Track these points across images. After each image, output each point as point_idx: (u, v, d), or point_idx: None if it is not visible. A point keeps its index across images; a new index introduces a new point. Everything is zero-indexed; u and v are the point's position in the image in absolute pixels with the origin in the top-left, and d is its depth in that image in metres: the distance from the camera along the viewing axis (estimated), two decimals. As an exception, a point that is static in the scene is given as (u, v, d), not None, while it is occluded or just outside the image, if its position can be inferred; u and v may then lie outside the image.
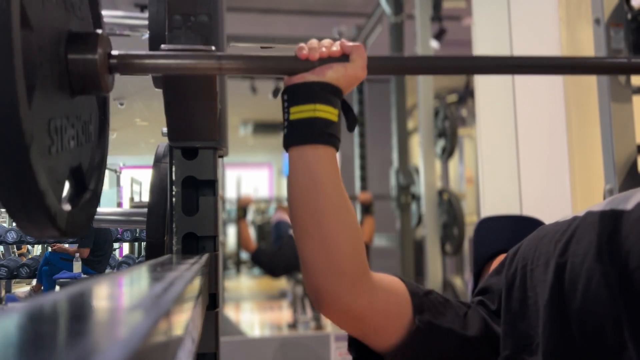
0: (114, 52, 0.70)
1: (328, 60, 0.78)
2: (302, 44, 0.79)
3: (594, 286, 0.67)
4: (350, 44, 0.80)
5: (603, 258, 0.67)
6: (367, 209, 3.79)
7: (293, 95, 0.77)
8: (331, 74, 0.77)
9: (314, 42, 0.80)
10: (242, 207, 4.20)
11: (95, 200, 0.73)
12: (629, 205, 0.69)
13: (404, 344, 0.76)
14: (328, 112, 0.76)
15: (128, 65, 0.71)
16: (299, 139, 0.77)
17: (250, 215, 9.16)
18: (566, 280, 0.70)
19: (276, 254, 4.32)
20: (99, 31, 0.68)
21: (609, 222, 0.69)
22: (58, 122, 0.60)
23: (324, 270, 0.74)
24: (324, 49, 0.78)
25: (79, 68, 0.64)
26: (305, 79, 0.77)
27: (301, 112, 0.76)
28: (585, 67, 0.94)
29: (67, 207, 0.62)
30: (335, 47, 0.79)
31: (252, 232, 6.77)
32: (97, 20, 0.77)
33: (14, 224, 1.73)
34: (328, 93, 0.77)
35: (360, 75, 0.80)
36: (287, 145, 0.78)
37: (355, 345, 0.81)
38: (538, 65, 0.89)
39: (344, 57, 0.79)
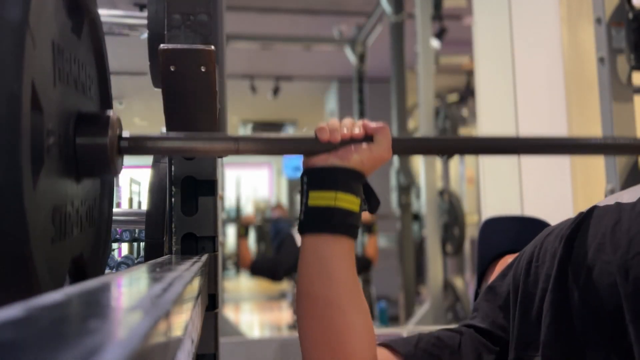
0: (125, 134, 0.67)
1: (350, 141, 0.74)
2: (322, 125, 0.75)
3: (595, 275, 0.68)
4: (374, 124, 0.76)
5: (605, 248, 0.68)
6: (369, 228, 3.79)
7: (313, 179, 0.74)
8: (356, 158, 0.73)
9: (335, 122, 0.75)
10: (244, 226, 4.23)
11: None
12: (634, 198, 0.70)
13: None
14: (350, 201, 0.73)
15: (140, 148, 0.68)
16: (316, 228, 0.73)
17: (250, 208, 9.18)
18: (570, 272, 0.71)
19: (274, 258, 4.33)
20: (110, 112, 0.65)
21: (613, 214, 0.70)
22: (62, 209, 0.57)
23: None
24: (345, 130, 0.74)
25: (88, 152, 0.61)
26: (327, 162, 0.73)
27: (321, 199, 0.72)
28: (612, 148, 0.93)
29: None
30: (358, 129, 0.75)
31: (251, 233, 6.78)
32: (107, 100, 0.76)
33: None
34: (351, 179, 0.73)
35: (386, 157, 0.76)
36: (303, 231, 0.74)
37: None
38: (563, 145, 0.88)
39: (367, 138, 0.75)
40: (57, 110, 0.56)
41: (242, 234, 4.12)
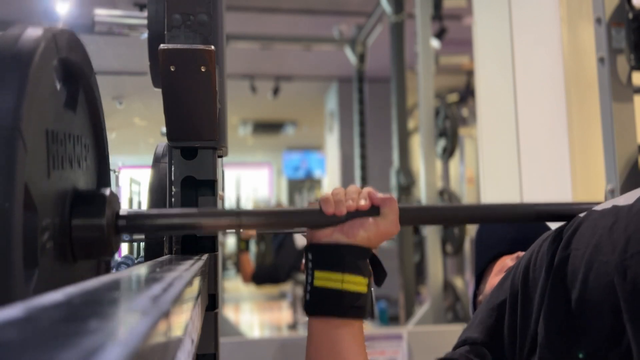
0: (122, 212, 0.65)
1: (355, 213, 0.72)
2: (327, 196, 0.72)
3: (593, 275, 0.68)
4: (381, 195, 0.74)
5: (603, 249, 0.68)
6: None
7: (319, 257, 0.71)
8: (362, 235, 0.71)
9: (340, 193, 0.73)
10: (244, 240, 4.20)
11: None
12: (631, 201, 0.70)
13: None
14: (358, 283, 0.70)
15: (138, 227, 0.66)
16: (324, 311, 0.71)
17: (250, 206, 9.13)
18: (568, 272, 0.71)
19: (274, 263, 4.33)
20: (107, 191, 0.62)
21: (610, 216, 0.70)
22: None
23: None
24: (351, 202, 0.72)
25: (84, 234, 0.59)
26: (333, 239, 0.71)
27: (327, 280, 0.70)
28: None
29: None
30: (364, 200, 0.72)
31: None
32: (104, 174, 0.74)
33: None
34: (358, 258, 0.71)
35: (394, 231, 0.74)
36: (310, 312, 0.73)
37: None
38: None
39: (373, 210, 0.73)
40: (51, 200, 0.54)
41: (243, 248, 4.08)
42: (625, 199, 0.72)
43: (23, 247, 0.45)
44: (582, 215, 0.77)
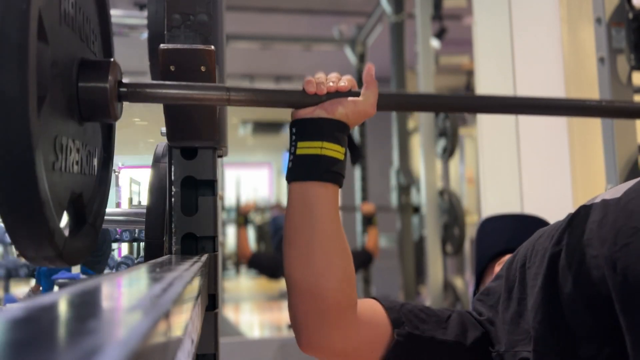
0: (125, 81, 0.70)
1: (336, 94, 0.78)
2: (309, 78, 0.78)
3: (584, 270, 0.69)
4: (364, 79, 0.79)
5: (593, 243, 0.69)
6: (369, 220, 3.78)
7: (301, 131, 0.78)
8: (341, 111, 0.77)
9: (321, 76, 0.79)
10: (243, 214, 4.17)
11: (94, 235, 0.72)
12: (619, 194, 0.71)
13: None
14: (335, 150, 0.76)
15: (138, 94, 0.71)
16: (302, 175, 0.77)
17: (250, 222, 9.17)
18: (560, 268, 0.72)
19: (275, 256, 4.30)
20: (111, 60, 0.68)
21: (599, 210, 0.71)
22: (64, 141, 0.60)
23: (309, 303, 0.75)
24: (331, 84, 0.78)
25: (89, 95, 0.65)
26: (314, 114, 0.77)
27: (308, 148, 0.76)
28: (596, 110, 0.96)
29: (65, 232, 0.61)
30: (344, 82, 0.78)
31: (251, 232, 6.78)
32: (108, 50, 0.78)
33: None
34: (336, 130, 0.77)
35: (370, 112, 0.79)
36: (290, 179, 0.78)
37: None
38: (544, 106, 0.90)
39: (352, 92, 0.78)
40: (61, 48, 0.59)
41: (241, 222, 4.04)
42: (613, 193, 0.73)
43: (36, 57, 0.50)
44: (573, 212, 0.77)
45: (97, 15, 0.76)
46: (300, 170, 0.77)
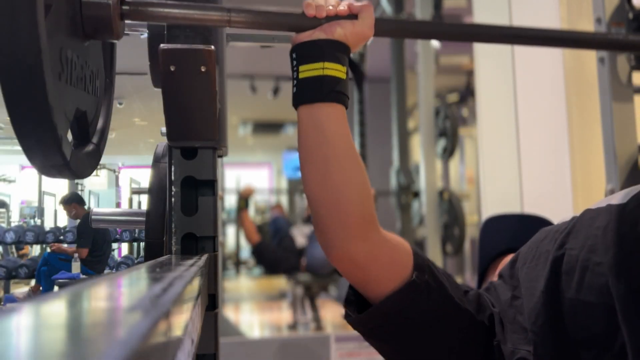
0: None
1: (335, 18, 0.78)
2: (309, 1, 0.79)
3: (588, 276, 0.68)
4: (359, 3, 0.80)
5: (597, 249, 0.68)
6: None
7: (301, 54, 0.79)
8: (339, 32, 0.78)
9: (320, 0, 0.80)
10: (244, 198, 4.15)
11: (98, 155, 0.74)
12: (625, 199, 0.70)
13: (397, 292, 0.76)
14: (336, 69, 0.77)
15: (139, 13, 0.73)
16: (308, 98, 0.78)
17: (251, 209, 9.16)
18: (562, 272, 0.72)
19: (280, 255, 4.30)
20: None
21: (604, 216, 0.71)
22: (69, 54, 0.62)
23: (332, 217, 0.75)
24: (331, 8, 0.79)
25: (92, 11, 0.66)
26: (313, 36, 0.78)
27: (310, 70, 0.77)
28: (582, 42, 0.97)
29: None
30: (343, 7, 0.79)
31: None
32: None
33: (13, 224, 1.72)
34: (336, 51, 0.77)
35: (368, 34, 0.80)
36: (297, 103, 0.79)
37: (351, 297, 0.82)
38: (537, 36, 0.93)
39: (351, 16, 0.79)
40: None
41: (243, 206, 4.03)
42: (620, 198, 0.72)
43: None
44: (578, 214, 0.77)
45: None
46: (305, 93, 0.78)
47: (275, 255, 4.17)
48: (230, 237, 8.51)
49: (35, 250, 1.74)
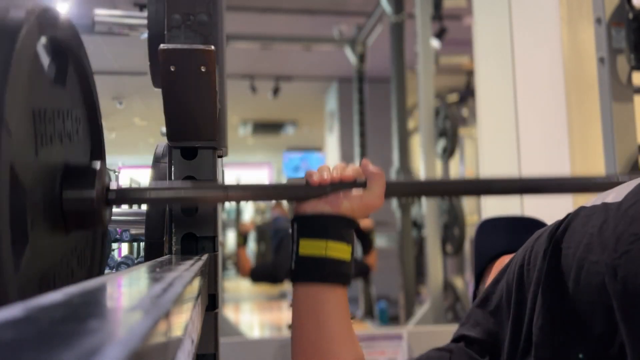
0: (113, 186, 0.68)
1: (340, 185, 0.74)
2: (311, 170, 0.75)
3: (584, 276, 0.68)
4: (371, 168, 0.76)
5: (593, 248, 0.68)
6: (368, 240, 3.77)
7: (304, 227, 0.74)
8: (346, 205, 0.73)
9: (325, 166, 0.76)
10: (243, 235, 4.22)
11: None
12: (620, 197, 0.70)
13: None
14: (340, 250, 0.73)
15: (127, 200, 0.70)
16: (308, 277, 0.74)
17: (251, 209, 9.14)
18: (559, 273, 0.72)
19: (273, 262, 4.31)
20: (97, 164, 0.65)
21: (600, 214, 0.70)
22: (50, 272, 0.56)
23: None
24: (335, 173, 0.74)
25: (74, 206, 0.61)
26: (317, 209, 0.74)
27: (312, 247, 0.73)
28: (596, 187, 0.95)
29: None
30: (348, 172, 0.75)
31: (251, 233, 6.78)
32: (97, 144, 0.75)
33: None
34: (342, 228, 0.73)
35: (377, 204, 0.76)
36: (295, 280, 0.75)
37: None
38: (550, 186, 0.92)
39: (359, 183, 0.75)
40: (40, 176, 0.54)
41: (241, 243, 4.11)
42: (615, 196, 0.72)
43: (11, 226, 0.45)
44: (572, 212, 0.77)
45: (81, 96, 0.72)
46: (304, 272, 0.74)
47: (270, 268, 4.20)
48: (230, 237, 8.51)
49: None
